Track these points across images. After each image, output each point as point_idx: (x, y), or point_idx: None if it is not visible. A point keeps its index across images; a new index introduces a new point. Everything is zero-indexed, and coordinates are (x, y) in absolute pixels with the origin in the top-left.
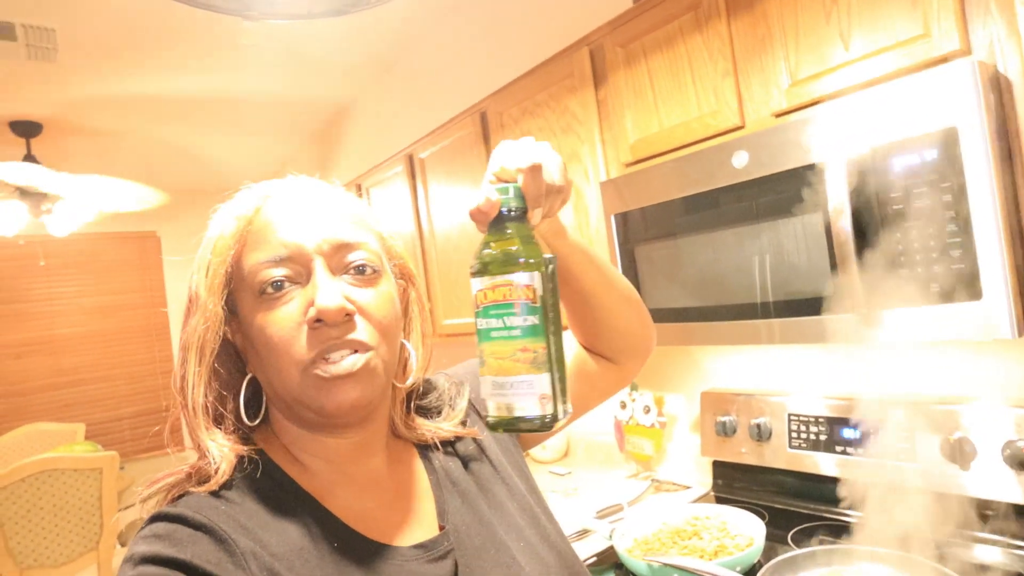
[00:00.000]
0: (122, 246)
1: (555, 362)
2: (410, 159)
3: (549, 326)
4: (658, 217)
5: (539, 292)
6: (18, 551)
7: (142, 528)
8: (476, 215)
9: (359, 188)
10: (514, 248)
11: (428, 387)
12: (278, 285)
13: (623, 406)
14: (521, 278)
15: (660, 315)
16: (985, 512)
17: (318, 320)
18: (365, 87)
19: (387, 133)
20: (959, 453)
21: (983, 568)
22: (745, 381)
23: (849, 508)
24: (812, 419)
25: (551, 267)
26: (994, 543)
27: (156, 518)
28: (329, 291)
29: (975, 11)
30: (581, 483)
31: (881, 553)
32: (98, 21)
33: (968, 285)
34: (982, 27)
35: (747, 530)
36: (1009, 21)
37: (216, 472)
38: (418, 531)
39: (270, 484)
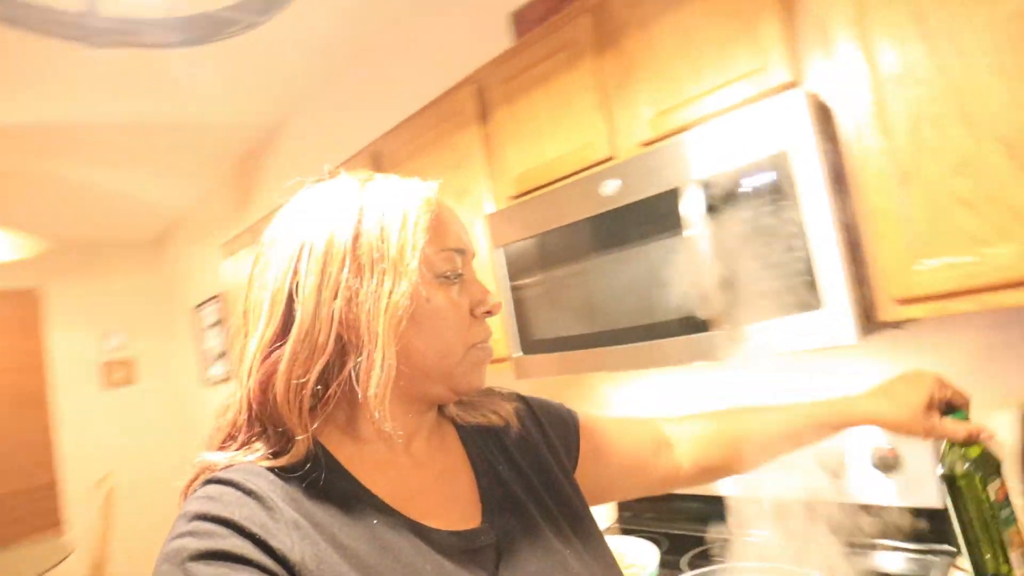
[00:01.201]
0: None
1: None
2: None
3: None
4: (541, 247)
5: None
6: None
7: (196, 490)
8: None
9: (255, 234)
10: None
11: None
12: (454, 274)
13: None
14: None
15: (555, 344)
16: (864, 517)
17: (490, 312)
18: (264, 139)
19: (283, 177)
20: (833, 462)
21: (872, 573)
22: (641, 407)
23: (741, 527)
24: None
25: None
26: (877, 548)
27: (208, 481)
28: (490, 291)
29: (804, 47)
30: None
31: (771, 568)
32: None
33: (813, 296)
34: (810, 61)
35: (641, 559)
36: (832, 56)
37: (281, 452)
38: (458, 518)
39: (315, 463)
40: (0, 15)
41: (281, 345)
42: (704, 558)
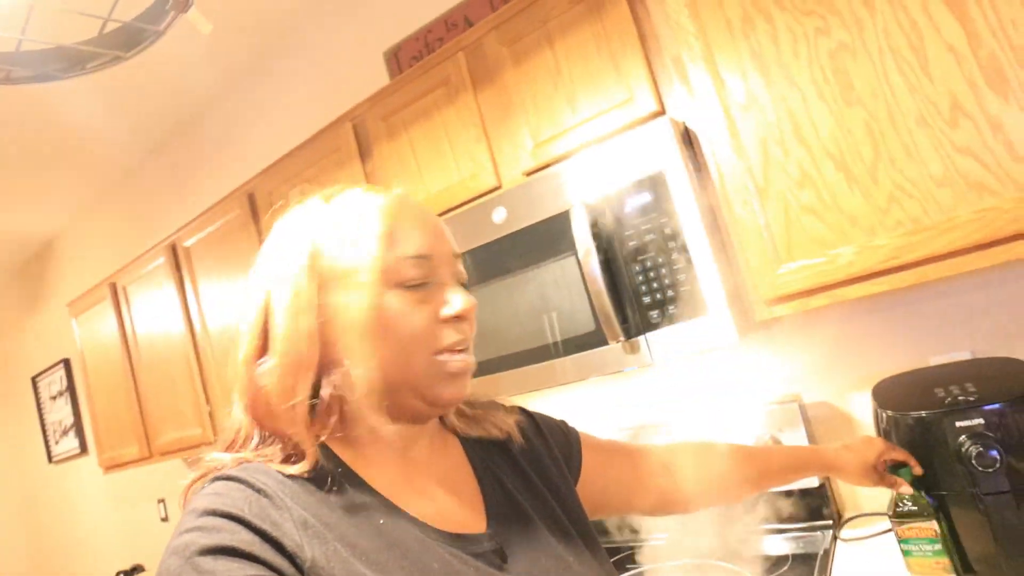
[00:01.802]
0: None
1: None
2: (173, 248)
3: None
4: None
5: None
6: None
7: (204, 487)
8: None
9: (114, 288)
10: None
11: (483, 398)
12: (415, 282)
13: None
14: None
15: None
16: (758, 504)
17: (459, 317)
18: (125, 170)
19: (148, 222)
20: None
21: (770, 558)
22: None
23: (652, 531)
24: None
25: None
26: (771, 531)
27: (217, 478)
28: (465, 294)
29: (665, 79)
30: None
31: (683, 566)
32: None
33: (696, 304)
34: (672, 91)
35: None
36: (689, 87)
37: (299, 455)
38: (461, 522)
39: (322, 464)
40: None
41: (264, 361)
42: (619, 567)
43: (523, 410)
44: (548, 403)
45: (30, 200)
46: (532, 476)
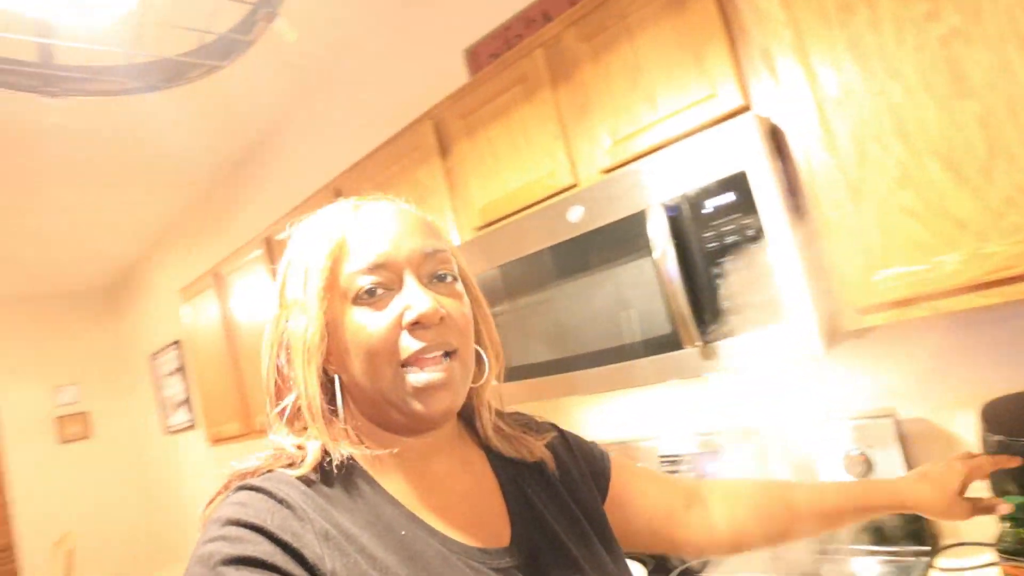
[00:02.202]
0: None
1: None
2: (268, 241)
3: None
4: (511, 276)
5: None
6: None
7: (228, 496)
8: None
9: (217, 276)
10: None
11: (520, 415)
12: (372, 291)
13: None
14: None
15: (529, 371)
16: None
17: (416, 323)
18: (226, 169)
19: (247, 216)
20: (807, 469)
21: None
22: (616, 430)
23: None
24: (680, 458)
25: None
26: (854, 553)
27: (240, 488)
28: (424, 296)
29: (751, 72)
30: None
31: None
32: None
33: (779, 311)
34: (758, 86)
35: None
36: (777, 80)
37: (302, 461)
38: (485, 536)
39: (344, 474)
40: None
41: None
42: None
43: (555, 427)
44: (623, 404)
45: (150, 195)
46: (561, 492)
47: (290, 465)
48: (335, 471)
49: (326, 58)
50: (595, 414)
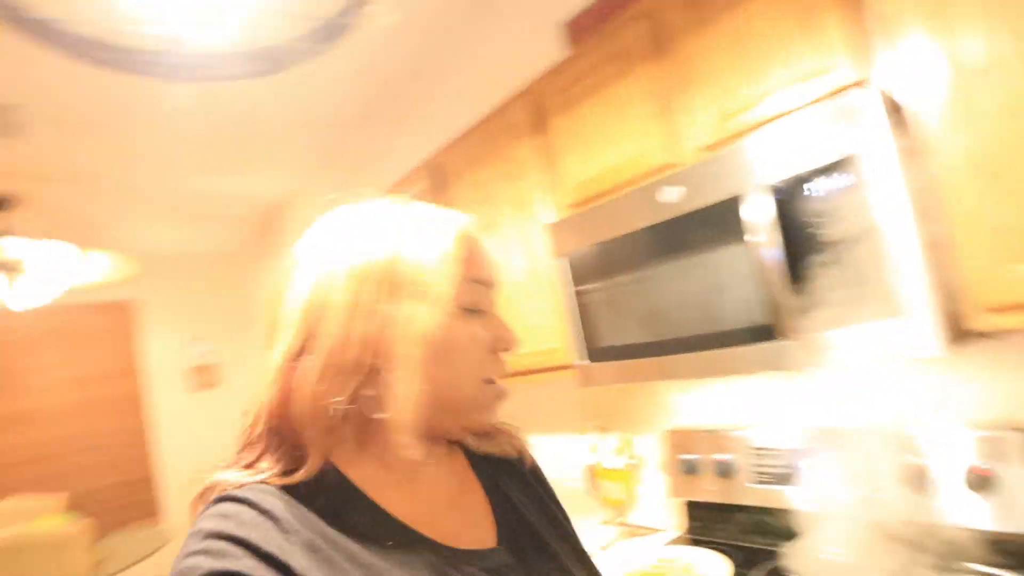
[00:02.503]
0: (96, 316)
1: None
2: None
3: None
4: (604, 256)
5: None
6: None
7: (208, 507)
8: None
9: None
10: None
11: None
12: (480, 308)
13: (593, 449)
14: None
15: (618, 352)
16: (954, 540)
17: (507, 349)
18: (331, 149)
19: (355, 189)
20: (921, 480)
21: None
22: (709, 417)
23: (816, 544)
24: (773, 452)
25: None
26: (967, 573)
27: (222, 499)
28: (511, 329)
29: (871, 43)
30: None
31: None
32: (61, 97)
33: (892, 304)
34: (878, 57)
35: (712, 571)
36: (903, 51)
37: (301, 468)
38: (472, 539)
39: (330, 481)
40: (97, 59)
41: (302, 358)
42: (778, 575)
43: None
44: (716, 392)
45: (269, 167)
46: (537, 489)
47: (284, 472)
48: (322, 481)
49: (423, 37)
50: (687, 399)
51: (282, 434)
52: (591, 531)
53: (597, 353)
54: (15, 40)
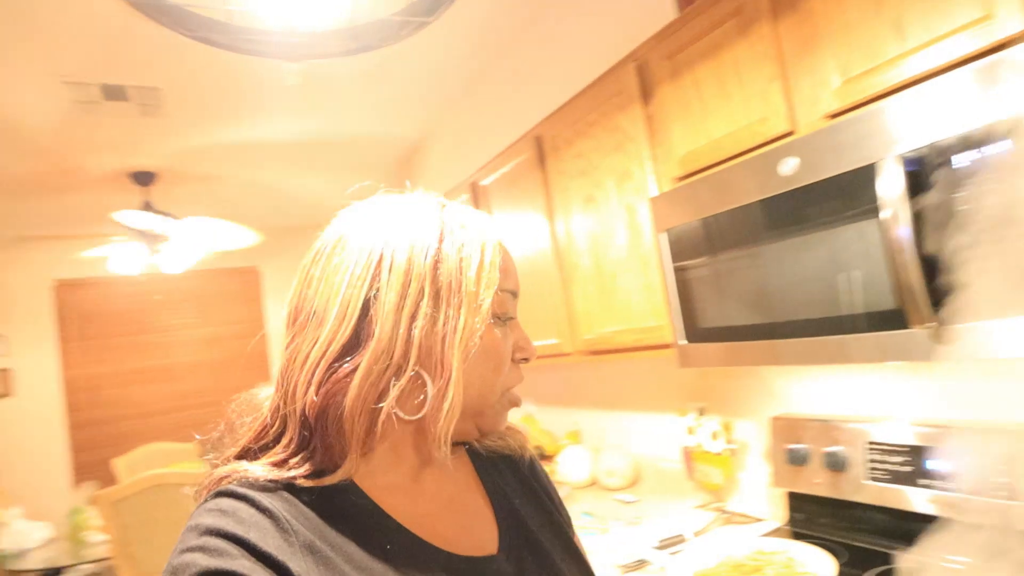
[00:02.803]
0: (226, 281)
1: None
2: (474, 187)
3: None
4: (711, 231)
5: None
6: (139, 557)
7: (206, 501)
8: None
9: None
10: None
11: None
12: (507, 316)
13: (690, 432)
14: None
15: (721, 334)
16: None
17: (526, 359)
18: (435, 120)
19: (455, 162)
20: None
21: None
22: (818, 406)
23: (939, 550)
24: (894, 448)
25: None
26: None
27: (221, 494)
28: (531, 341)
29: None
30: (646, 512)
31: None
32: (193, 77)
33: None
34: None
35: (816, 568)
36: None
37: (303, 464)
38: (472, 545)
39: (332, 481)
40: (219, 43)
41: (349, 358)
42: None
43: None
44: (830, 380)
45: (369, 149)
46: (535, 487)
47: (316, 473)
48: (322, 481)
49: (525, 5)
50: (795, 385)
51: (315, 433)
52: (684, 514)
53: (699, 333)
54: (153, 27)
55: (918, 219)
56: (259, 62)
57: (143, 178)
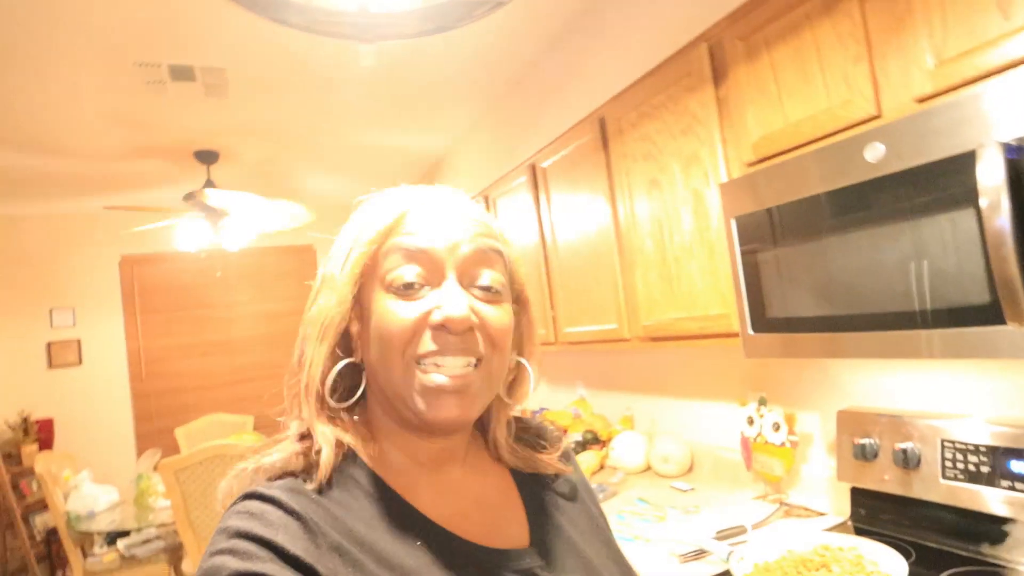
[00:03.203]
0: (284, 258)
1: None
2: (533, 169)
3: None
4: (784, 219)
5: None
6: (197, 523)
7: (235, 503)
8: None
9: (486, 199)
10: None
11: (532, 421)
12: (408, 284)
13: (750, 422)
14: None
15: (789, 324)
16: None
17: (442, 325)
18: (492, 102)
19: (512, 144)
20: None
21: None
22: (887, 400)
23: (1018, 554)
24: (971, 447)
25: None
26: None
27: (250, 496)
28: (458, 300)
29: None
30: (703, 500)
31: None
32: (258, 59)
33: None
34: None
35: (886, 567)
36: None
37: (320, 462)
38: (503, 538)
39: (358, 477)
40: (295, 24)
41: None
42: None
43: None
44: (901, 374)
45: (429, 125)
46: (583, 498)
47: (305, 470)
48: (348, 476)
49: None
50: (864, 379)
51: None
52: (742, 505)
53: (767, 323)
54: (226, 7)
55: (1017, 210)
56: (325, 43)
57: (206, 157)
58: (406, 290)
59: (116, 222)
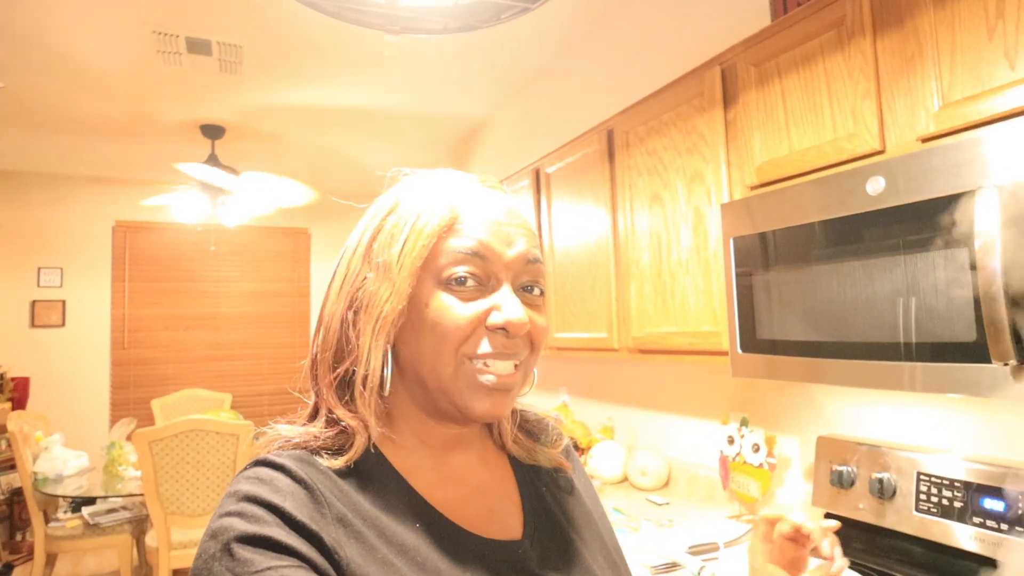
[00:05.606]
0: (279, 239)
1: None
2: (536, 173)
3: None
4: (782, 243)
5: None
6: (166, 497)
7: (246, 468)
8: None
9: None
10: None
11: (531, 414)
12: (463, 280)
13: (731, 441)
14: None
15: (776, 347)
16: None
17: (502, 328)
18: (500, 104)
19: (517, 147)
20: None
21: None
22: (867, 430)
23: None
24: (947, 482)
25: None
26: None
27: (260, 463)
28: (519, 307)
29: None
30: (677, 515)
31: None
32: (276, 38)
33: None
34: None
35: None
36: None
37: (354, 443)
38: (498, 530)
39: (366, 458)
40: (326, 9)
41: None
42: None
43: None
44: (880, 405)
45: (440, 119)
46: (577, 494)
47: (329, 449)
48: (358, 456)
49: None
50: (845, 407)
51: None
52: (716, 522)
53: (755, 344)
54: None
55: (1007, 251)
56: (348, 30)
57: (212, 131)
58: (460, 287)
59: (113, 188)
